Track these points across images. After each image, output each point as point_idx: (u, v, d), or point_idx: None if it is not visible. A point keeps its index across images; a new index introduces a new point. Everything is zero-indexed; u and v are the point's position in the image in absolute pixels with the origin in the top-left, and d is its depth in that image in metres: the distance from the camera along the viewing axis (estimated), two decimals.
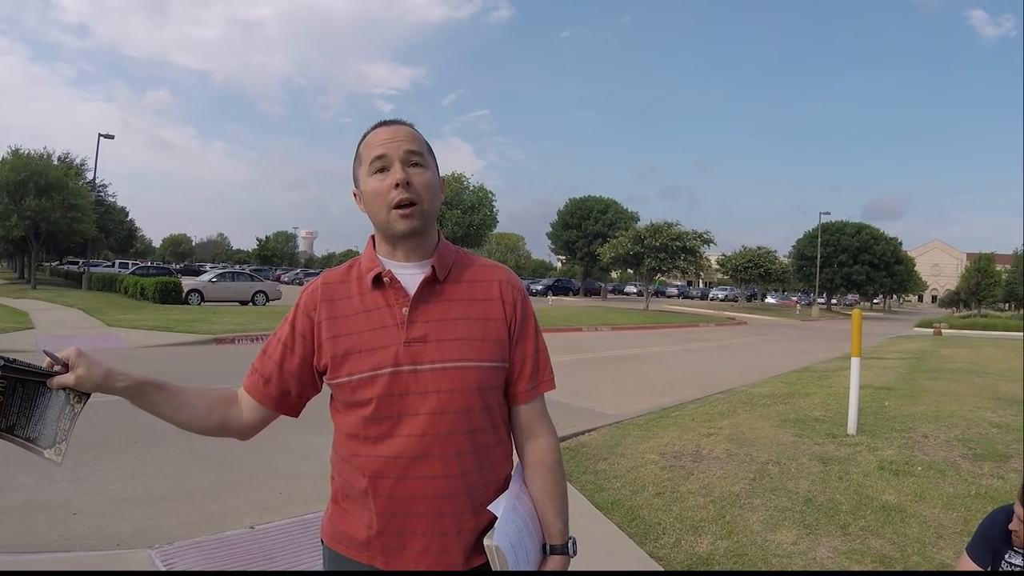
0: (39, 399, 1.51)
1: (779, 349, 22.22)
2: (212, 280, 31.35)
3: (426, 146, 1.63)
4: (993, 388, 11.00)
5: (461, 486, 1.55)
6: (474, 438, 1.57)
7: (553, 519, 1.66)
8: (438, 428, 1.53)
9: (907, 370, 14.06)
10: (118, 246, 63.34)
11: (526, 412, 1.68)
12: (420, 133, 1.64)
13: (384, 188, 1.55)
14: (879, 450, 6.44)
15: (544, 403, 1.72)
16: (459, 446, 1.55)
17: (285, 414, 1.72)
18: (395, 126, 1.61)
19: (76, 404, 1.54)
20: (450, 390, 1.54)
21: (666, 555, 4.25)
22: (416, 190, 1.55)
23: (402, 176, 1.54)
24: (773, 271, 61.33)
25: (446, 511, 1.54)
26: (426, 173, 1.58)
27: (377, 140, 1.58)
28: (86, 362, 1.50)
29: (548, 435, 1.71)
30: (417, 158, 1.58)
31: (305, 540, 4.35)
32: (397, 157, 1.55)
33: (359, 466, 1.58)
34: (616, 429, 7.71)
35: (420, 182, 1.56)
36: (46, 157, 37.24)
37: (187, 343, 15.24)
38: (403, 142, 1.57)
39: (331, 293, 1.65)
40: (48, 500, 5.05)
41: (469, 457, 1.56)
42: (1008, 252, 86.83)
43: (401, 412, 1.53)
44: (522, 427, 1.69)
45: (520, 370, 1.66)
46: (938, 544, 4.34)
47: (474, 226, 49.72)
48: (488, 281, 1.66)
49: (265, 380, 1.67)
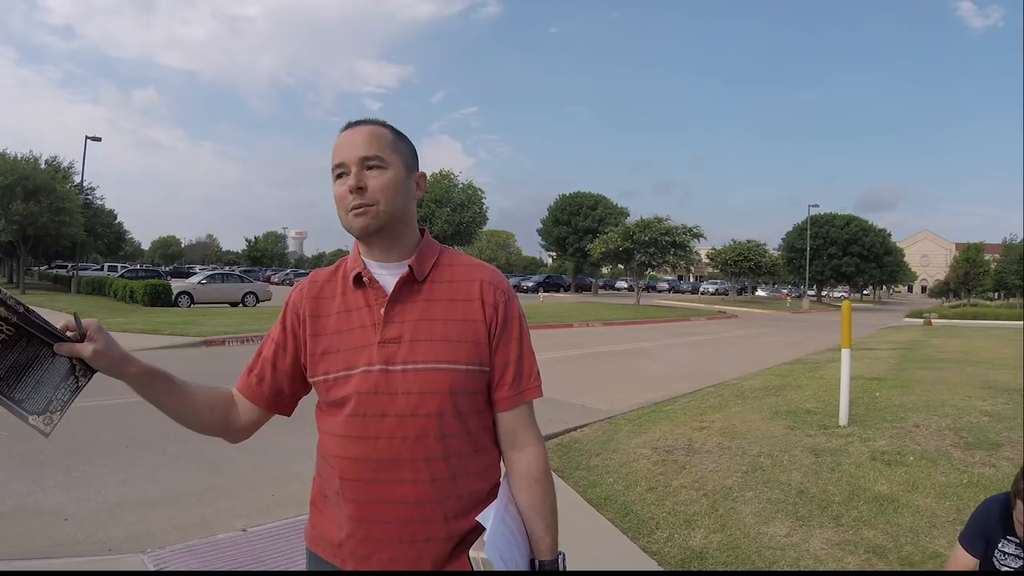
0: (41, 362, 1.42)
1: (770, 342, 22.29)
2: (202, 282, 31.24)
3: (390, 144, 1.59)
4: (984, 377, 11.06)
5: (432, 493, 1.52)
6: (446, 444, 1.54)
7: (542, 533, 1.61)
8: (407, 431, 1.51)
9: (898, 360, 14.12)
10: (107, 249, 63.19)
11: (510, 420, 1.64)
12: (387, 130, 1.61)
13: (342, 193, 1.56)
14: (871, 441, 6.46)
15: (531, 411, 1.67)
16: (429, 451, 1.52)
17: (279, 413, 1.72)
18: (357, 128, 1.60)
19: (82, 378, 1.46)
20: (420, 392, 1.52)
21: (659, 549, 4.25)
22: (371, 194, 1.54)
23: (353, 182, 1.53)
24: (763, 264, 61.43)
25: (415, 518, 1.52)
26: (384, 174, 1.56)
27: (339, 144, 1.58)
28: (105, 338, 1.47)
29: (534, 444, 1.66)
30: (373, 161, 1.55)
31: (297, 542, 4.32)
32: (353, 162, 1.55)
33: (333, 466, 1.58)
34: (608, 424, 7.71)
35: (375, 185, 1.54)
36: (33, 160, 37.09)
37: (177, 346, 15.16)
38: (360, 146, 1.55)
39: (317, 291, 1.65)
40: (39, 506, 5.02)
41: (440, 463, 1.53)
42: (997, 242, 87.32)
43: (371, 412, 1.52)
44: (506, 435, 1.65)
45: (501, 376, 1.61)
46: (931, 533, 4.35)
47: (464, 224, 49.72)
48: (469, 281, 1.63)
49: (259, 379, 1.67)
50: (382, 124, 1.63)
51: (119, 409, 8.06)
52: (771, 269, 62.70)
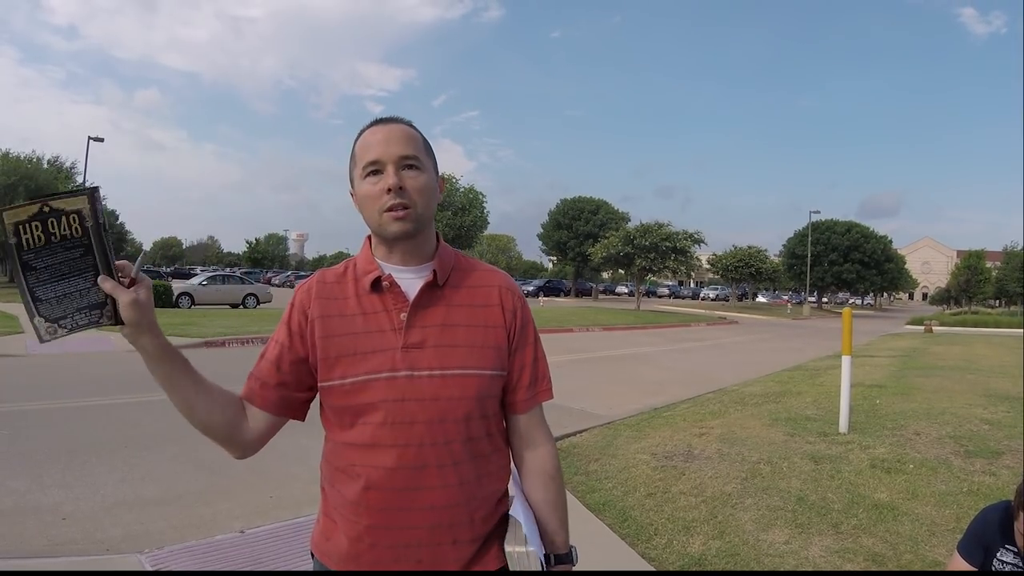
0: (80, 280, 1.36)
1: (770, 348, 22.27)
2: (202, 283, 31.33)
3: (423, 145, 1.57)
4: (985, 385, 11.05)
5: (459, 496, 1.51)
6: (471, 447, 1.53)
7: (557, 528, 1.64)
8: (436, 437, 1.49)
9: (898, 368, 14.11)
10: None
11: (525, 421, 1.64)
12: (418, 130, 1.58)
13: (376, 192, 1.50)
14: (871, 448, 6.45)
15: (542, 412, 1.69)
16: (456, 456, 1.51)
17: (291, 418, 1.64)
18: (391, 125, 1.55)
19: (106, 318, 1.39)
20: (448, 398, 1.50)
21: (658, 556, 4.24)
22: (409, 194, 1.50)
23: (394, 181, 1.48)
24: (764, 270, 61.48)
25: (443, 522, 1.50)
26: (421, 176, 1.52)
27: (371, 141, 1.53)
28: (147, 297, 1.40)
29: (548, 444, 1.68)
30: (412, 161, 1.51)
31: (295, 544, 4.33)
32: (391, 160, 1.49)
33: (358, 475, 1.51)
34: (608, 429, 7.71)
35: (414, 186, 1.51)
36: (36, 161, 37.20)
37: (177, 346, 15.11)
38: (398, 145, 1.51)
39: (326, 292, 1.59)
40: (37, 505, 5.02)
41: (467, 466, 1.52)
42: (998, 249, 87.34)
43: (397, 420, 1.48)
44: (521, 436, 1.65)
45: (519, 378, 1.62)
46: (930, 542, 4.35)
47: (465, 227, 49.78)
48: (488, 286, 1.61)
49: (265, 384, 1.59)
50: (411, 125, 1.59)
51: (118, 408, 8.07)
52: (772, 275, 62.80)
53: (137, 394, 8.80)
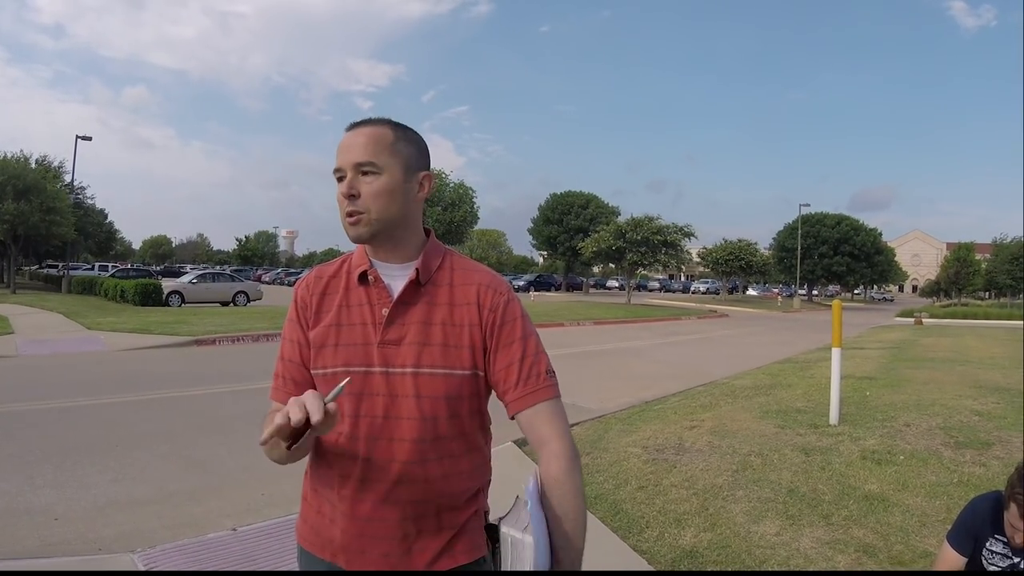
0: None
1: (761, 341, 22.35)
2: (192, 281, 31.16)
3: (388, 146, 1.56)
4: (974, 376, 11.12)
5: (426, 493, 1.53)
6: (439, 446, 1.54)
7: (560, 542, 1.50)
8: (405, 433, 1.51)
9: (888, 360, 14.18)
10: (98, 249, 62.89)
11: (524, 421, 1.58)
12: (389, 129, 1.58)
13: (340, 197, 1.56)
14: (861, 440, 6.48)
15: (549, 409, 1.57)
16: (424, 453, 1.52)
17: None
18: (357, 130, 1.57)
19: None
20: (417, 396, 1.52)
21: (650, 548, 4.25)
22: (363, 201, 1.53)
23: (346, 189, 1.53)
24: (754, 263, 61.59)
25: (408, 515, 1.53)
26: (377, 180, 1.53)
27: (339, 148, 1.57)
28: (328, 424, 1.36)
29: (549, 445, 1.55)
30: (367, 167, 1.53)
31: (287, 541, 4.32)
32: (349, 167, 1.53)
33: (330, 464, 1.57)
34: (599, 423, 7.73)
35: (368, 191, 1.53)
36: (24, 160, 36.95)
37: (167, 345, 15.13)
38: (355, 151, 1.54)
39: (324, 286, 1.64)
40: (29, 505, 5.01)
41: (434, 464, 1.54)
42: (987, 241, 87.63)
43: (368, 413, 1.52)
44: (527, 436, 1.60)
45: (505, 379, 1.57)
46: (921, 532, 4.37)
47: (455, 223, 49.72)
48: (468, 285, 1.60)
49: (293, 382, 1.61)
50: (385, 123, 1.60)
51: (109, 409, 8.03)
52: (762, 268, 62.92)
53: (128, 394, 8.78)
